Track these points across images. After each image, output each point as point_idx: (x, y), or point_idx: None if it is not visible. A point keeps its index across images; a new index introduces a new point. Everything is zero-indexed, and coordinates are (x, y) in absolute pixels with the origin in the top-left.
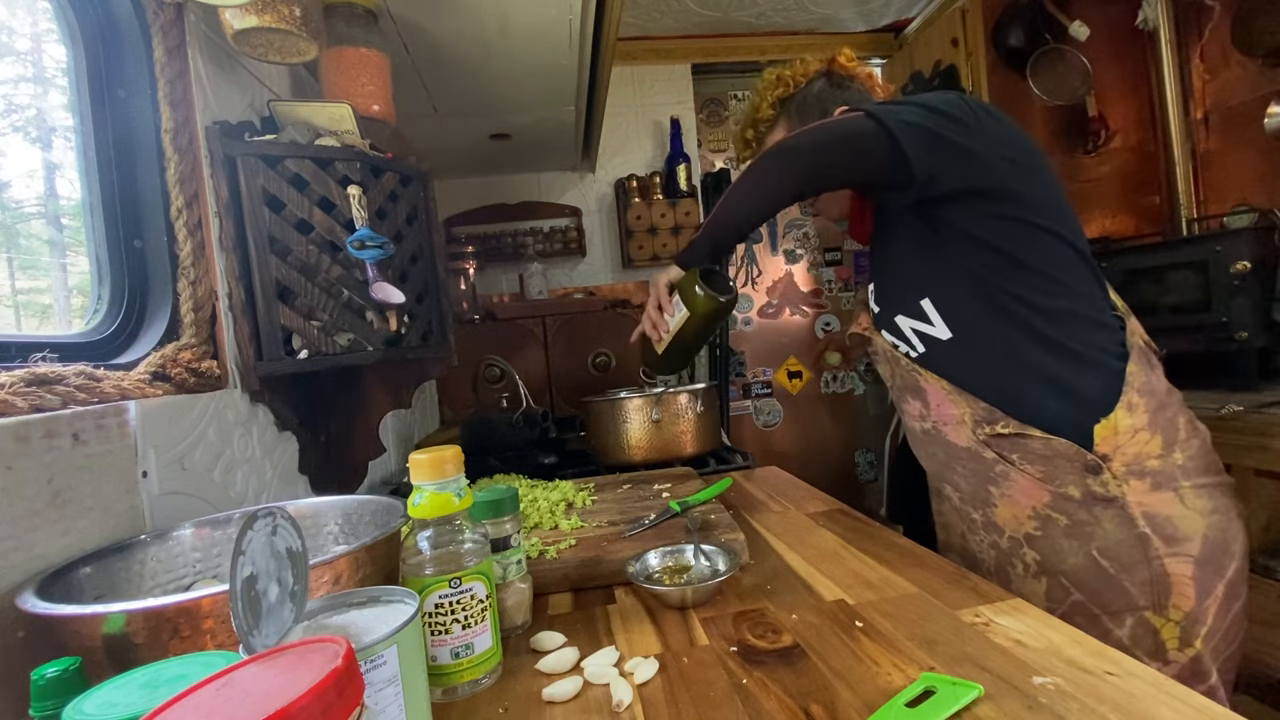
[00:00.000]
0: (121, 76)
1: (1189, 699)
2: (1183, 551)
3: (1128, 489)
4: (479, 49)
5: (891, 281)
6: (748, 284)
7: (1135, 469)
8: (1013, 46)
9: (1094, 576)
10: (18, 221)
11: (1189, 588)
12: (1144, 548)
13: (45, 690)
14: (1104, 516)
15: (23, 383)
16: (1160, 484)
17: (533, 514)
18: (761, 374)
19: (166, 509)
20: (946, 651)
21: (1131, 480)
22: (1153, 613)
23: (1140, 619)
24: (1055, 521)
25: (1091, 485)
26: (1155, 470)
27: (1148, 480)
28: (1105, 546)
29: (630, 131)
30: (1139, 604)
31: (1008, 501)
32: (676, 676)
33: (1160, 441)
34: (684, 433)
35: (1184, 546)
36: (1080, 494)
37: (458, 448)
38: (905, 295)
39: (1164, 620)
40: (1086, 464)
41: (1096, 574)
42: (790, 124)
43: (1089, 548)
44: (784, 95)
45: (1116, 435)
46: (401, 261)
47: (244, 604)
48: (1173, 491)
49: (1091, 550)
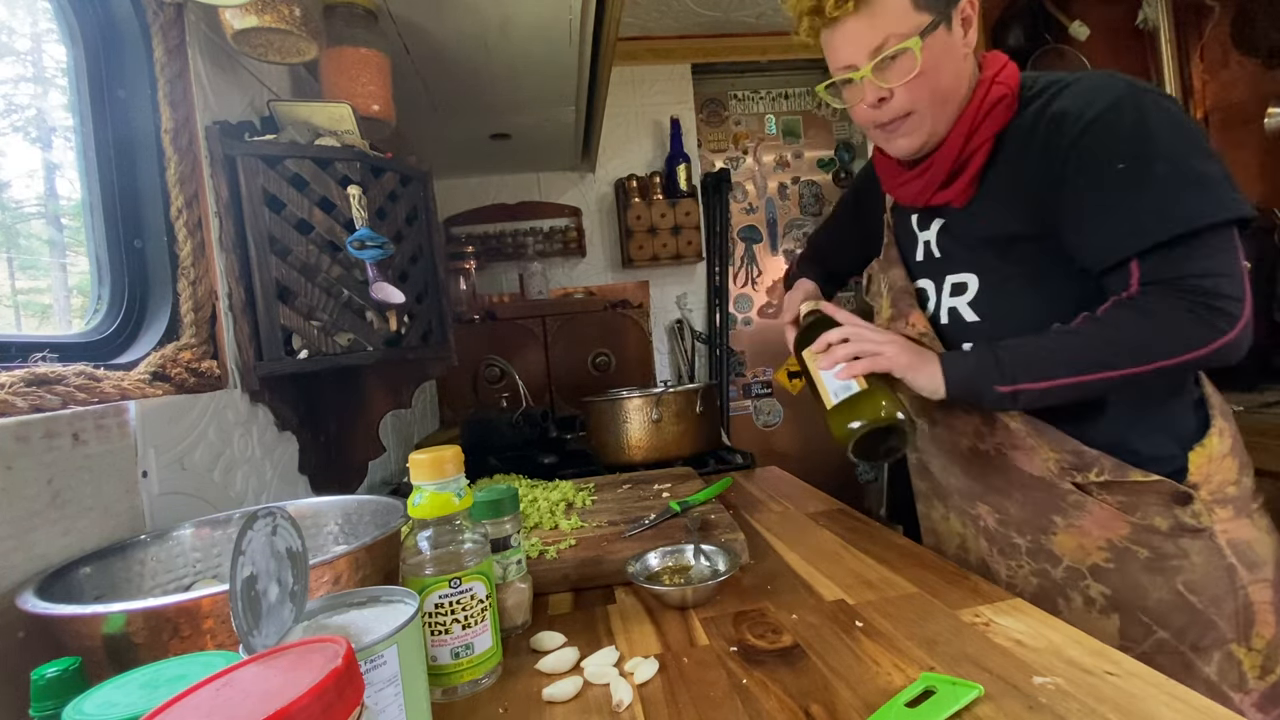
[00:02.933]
0: (121, 76)
1: (1189, 699)
2: (1262, 577)
3: (1215, 518)
4: (479, 49)
5: (1014, 298)
6: (748, 284)
7: (1219, 496)
8: (1012, 46)
9: (1181, 613)
10: (18, 221)
11: (1270, 614)
12: (1231, 579)
13: (45, 690)
14: (1192, 549)
15: (23, 383)
16: (1239, 510)
17: (533, 514)
18: (761, 374)
19: (166, 509)
20: (946, 651)
21: (1216, 509)
22: (1237, 644)
23: (1226, 653)
24: (1134, 554)
25: (1181, 516)
26: (1234, 496)
27: (1230, 507)
28: (1193, 580)
29: (630, 131)
30: (1227, 637)
31: (1074, 531)
32: (676, 676)
33: (1237, 465)
34: (684, 433)
35: (1263, 571)
36: (1168, 526)
37: (458, 448)
38: (1032, 321)
39: (1247, 650)
40: (1176, 494)
41: (1183, 610)
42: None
43: (1174, 582)
44: None
45: (1209, 463)
46: (401, 261)
47: (244, 604)
48: (1248, 516)
49: (1177, 585)
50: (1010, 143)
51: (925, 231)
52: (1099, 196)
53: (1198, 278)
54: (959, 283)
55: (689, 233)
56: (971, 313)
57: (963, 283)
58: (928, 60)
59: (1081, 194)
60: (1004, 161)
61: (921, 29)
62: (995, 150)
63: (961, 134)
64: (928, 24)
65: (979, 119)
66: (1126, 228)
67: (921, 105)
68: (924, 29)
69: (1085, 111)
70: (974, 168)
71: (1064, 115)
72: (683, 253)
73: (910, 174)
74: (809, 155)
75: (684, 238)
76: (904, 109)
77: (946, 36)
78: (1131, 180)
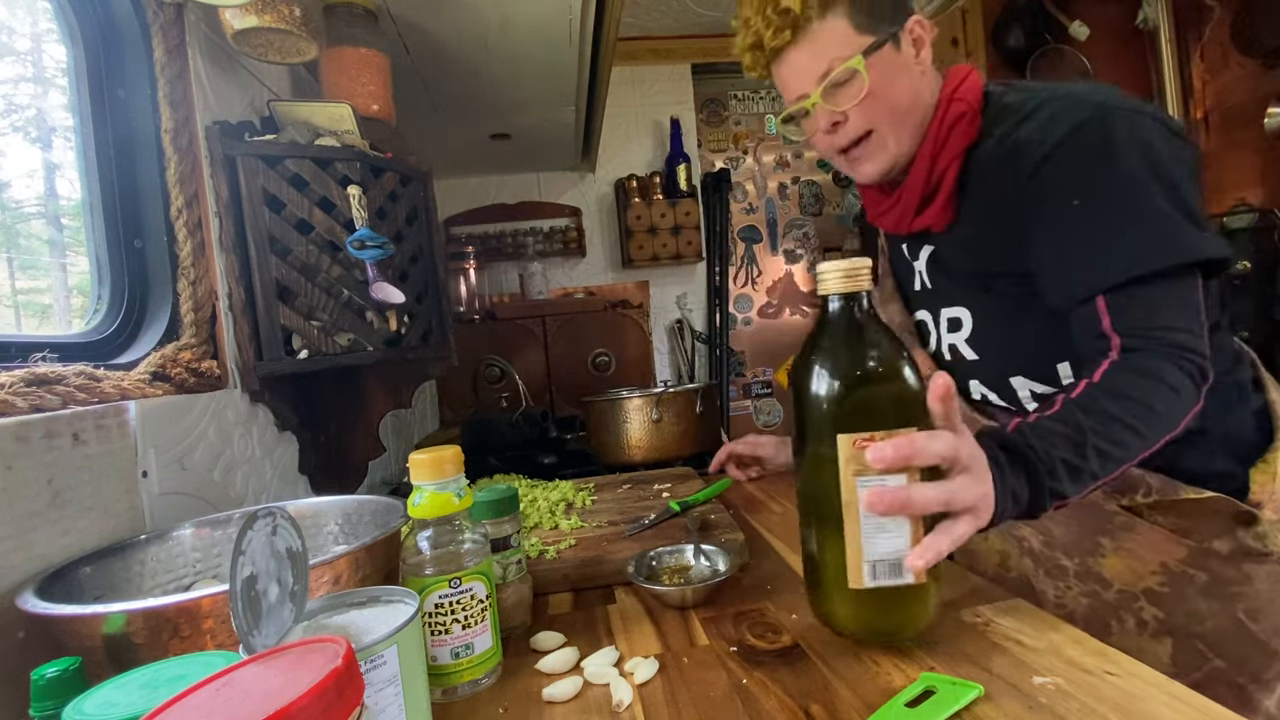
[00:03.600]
0: (121, 76)
1: (1189, 699)
2: None
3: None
4: (479, 49)
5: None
6: (748, 284)
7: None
8: (1012, 46)
9: (1240, 642)
10: (18, 221)
11: None
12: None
13: (45, 690)
14: (1257, 574)
15: (23, 383)
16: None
17: (533, 514)
18: (761, 374)
19: (166, 509)
20: (946, 651)
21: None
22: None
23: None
24: (1191, 579)
25: (1244, 539)
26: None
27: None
28: (1256, 608)
29: (630, 131)
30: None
31: (1125, 555)
32: (676, 676)
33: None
34: (684, 433)
35: None
36: (1228, 549)
37: (458, 448)
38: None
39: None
40: (1238, 514)
41: (1243, 639)
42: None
43: (1234, 609)
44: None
45: (1275, 480)
46: (401, 261)
47: (244, 604)
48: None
49: (1238, 613)
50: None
51: (917, 260)
52: (1058, 230)
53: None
54: (954, 318)
55: (689, 233)
56: (970, 350)
57: (957, 318)
58: (876, 79)
59: (1046, 227)
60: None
61: (865, 49)
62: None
63: (927, 154)
64: (871, 44)
65: (942, 137)
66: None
67: (879, 123)
68: (867, 49)
69: (1046, 139)
70: (947, 187)
71: (1026, 144)
72: (683, 253)
73: (888, 200)
74: (809, 155)
75: (684, 238)
76: (860, 129)
77: (894, 55)
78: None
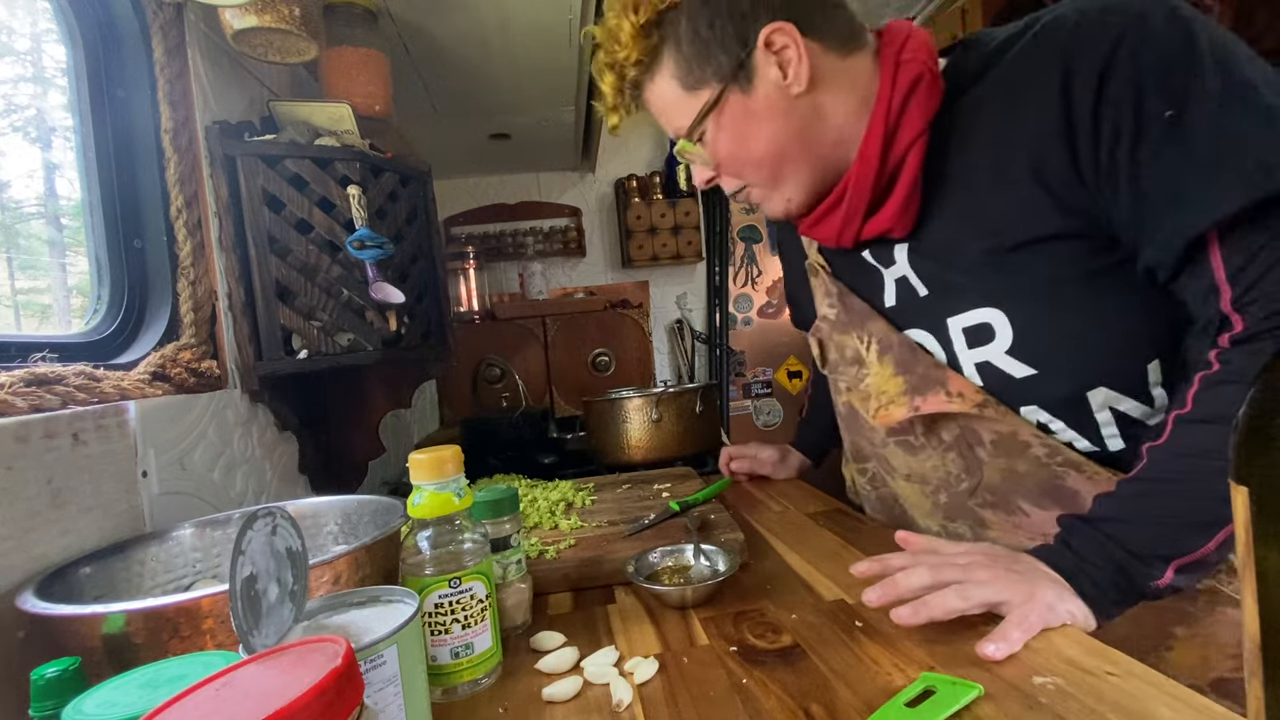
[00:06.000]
0: (121, 76)
1: (1189, 699)
2: None
3: None
4: (479, 49)
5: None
6: (747, 284)
7: None
8: None
9: None
10: (18, 221)
11: None
12: None
13: (45, 690)
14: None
15: (23, 383)
16: None
17: (532, 514)
18: (761, 374)
19: (166, 509)
20: (946, 651)
21: None
22: None
23: None
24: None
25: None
26: None
27: None
28: None
29: (630, 131)
30: None
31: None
32: (676, 676)
33: None
34: (684, 433)
35: None
36: None
37: (458, 448)
38: (1118, 353)
39: None
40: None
41: None
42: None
43: None
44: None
45: None
46: (401, 261)
47: (244, 604)
48: None
49: None
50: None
51: (891, 267)
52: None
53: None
54: (976, 325)
55: (689, 233)
56: (1019, 363)
57: (983, 325)
58: (724, 144)
59: (1120, 151)
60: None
61: (695, 117)
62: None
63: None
64: (702, 108)
65: (893, 116)
66: (1198, 189)
67: (748, 178)
68: (696, 118)
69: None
70: (907, 180)
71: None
72: (683, 253)
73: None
74: None
75: (684, 238)
76: (734, 186)
77: (742, 102)
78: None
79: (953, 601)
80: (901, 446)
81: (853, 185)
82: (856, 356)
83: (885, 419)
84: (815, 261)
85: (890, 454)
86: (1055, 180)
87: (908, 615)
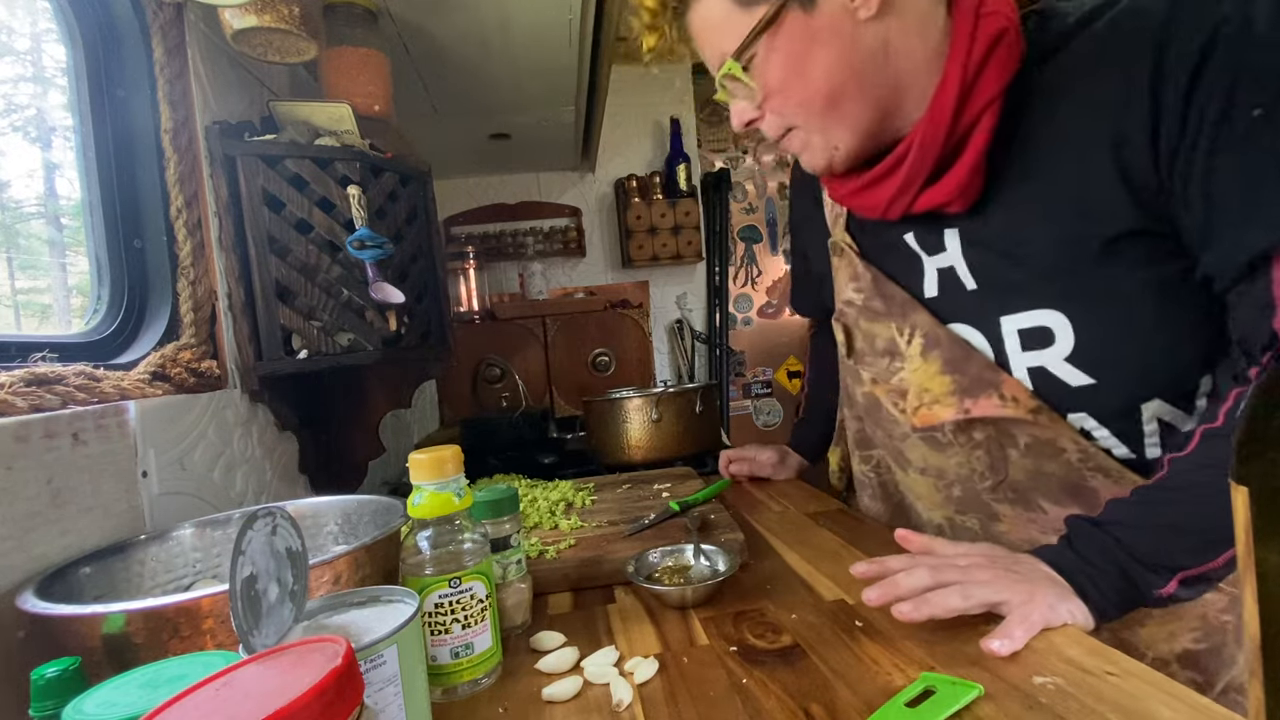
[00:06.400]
0: (121, 76)
1: (1189, 699)
2: None
3: None
4: (479, 49)
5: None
6: (747, 284)
7: None
8: None
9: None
10: (18, 221)
11: None
12: None
13: (45, 690)
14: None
15: (23, 383)
16: None
17: (532, 514)
18: (761, 374)
19: (166, 509)
20: (946, 651)
21: None
22: None
23: None
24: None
25: None
26: None
27: None
28: None
29: (630, 131)
30: None
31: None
32: (676, 676)
33: None
34: (684, 433)
35: None
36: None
37: (458, 448)
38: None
39: None
40: None
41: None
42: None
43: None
44: None
45: None
46: (401, 261)
47: (244, 604)
48: None
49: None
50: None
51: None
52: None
53: None
54: (1034, 328)
55: (689, 233)
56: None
57: (1042, 328)
58: (774, 71)
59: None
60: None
61: (747, 36)
62: (1013, 112)
63: (949, 101)
64: (756, 25)
65: (970, 73)
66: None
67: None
68: (753, 32)
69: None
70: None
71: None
72: (683, 253)
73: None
74: None
75: (684, 238)
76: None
77: (802, 22)
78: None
79: (954, 600)
80: (926, 441)
81: (917, 144)
82: (890, 348)
83: (927, 419)
84: (841, 240)
85: (909, 447)
86: (1135, 170)
87: (909, 610)
